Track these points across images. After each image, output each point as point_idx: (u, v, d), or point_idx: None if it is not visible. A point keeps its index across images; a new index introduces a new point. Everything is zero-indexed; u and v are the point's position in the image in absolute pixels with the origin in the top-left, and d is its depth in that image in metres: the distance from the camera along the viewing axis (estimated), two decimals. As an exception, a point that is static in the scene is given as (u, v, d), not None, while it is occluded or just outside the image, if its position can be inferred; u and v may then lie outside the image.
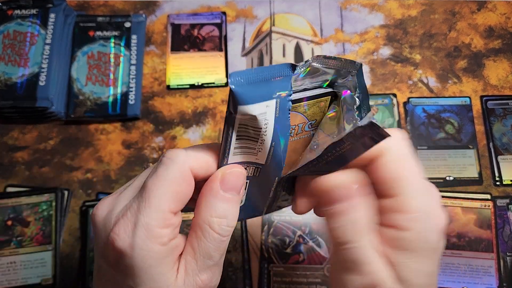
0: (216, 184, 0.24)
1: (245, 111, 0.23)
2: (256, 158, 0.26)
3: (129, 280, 0.23)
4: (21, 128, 0.54)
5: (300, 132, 0.28)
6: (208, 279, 0.24)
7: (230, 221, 0.24)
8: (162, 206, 0.23)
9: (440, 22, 0.58)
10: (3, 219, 0.48)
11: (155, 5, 0.60)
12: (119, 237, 0.23)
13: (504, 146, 0.52)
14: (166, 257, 0.23)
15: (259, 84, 0.24)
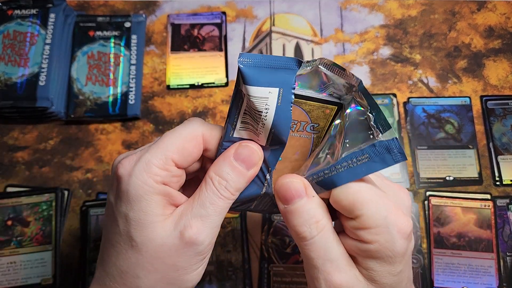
0: (230, 151, 0.27)
1: (248, 91, 0.24)
2: (258, 139, 0.27)
3: (123, 205, 0.26)
4: (21, 128, 0.54)
5: (301, 130, 0.28)
6: (197, 228, 0.26)
7: (229, 186, 0.26)
8: (167, 152, 0.26)
9: (440, 22, 0.58)
10: (3, 219, 0.48)
11: (155, 5, 0.60)
12: (123, 166, 0.26)
13: (504, 146, 0.52)
14: (157, 195, 0.26)
15: (265, 69, 0.25)
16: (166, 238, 0.25)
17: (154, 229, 0.25)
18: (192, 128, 0.27)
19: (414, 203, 0.50)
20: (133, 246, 0.25)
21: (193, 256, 0.26)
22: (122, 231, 0.26)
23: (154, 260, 0.26)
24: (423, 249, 0.48)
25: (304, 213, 0.26)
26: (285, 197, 0.26)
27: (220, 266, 0.47)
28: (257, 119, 0.26)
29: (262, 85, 0.25)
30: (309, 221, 0.26)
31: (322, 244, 0.26)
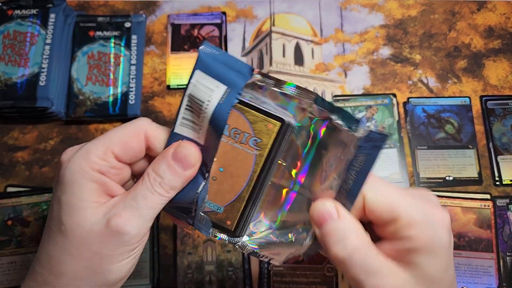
0: (169, 150, 0.27)
1: (198, 77, 0.25)
2: (198, 136, 0.27)
3: (59, 189, 0.27)
4: (21, 128, 0.54)
5: (244, 142, 0.28)
6: (125, 218, 0.26)
7: (164, 183, 0.27)
8: (108, 144, 0.27)
9: (440, 22, 0.58)
10: (3, 219, 0.49)
11: (155, 5, 0.60)
12: (66, 153, 0.28)
13: (504, 146, 0.52)
14: (92, 182, 0.26)
15: (220, 64, 0.26)
16: (94, 225, 0.26)
17: (84, 215, 0.26)
18: (137, 125, 0.28)
19: (414, 203, 0.50)
20: (61, 230, 0.26)
21: (118, 246, 0.26)
22: (54, 215, 0.26)
23: (80, 245, 0.26)
24: (423, 249, 0.48)
25: (338, 232, 0.26)
26: (319, 220, 0.27)
27: (220, 266, 0.47)
28: (198, 111, 0.26)
29: (212, 77, 0.26)
30: (344, 240, 0.26)
31: (361, 259, 0.26)
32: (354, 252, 0.26)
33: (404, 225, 0.26)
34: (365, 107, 0.54)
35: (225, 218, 0.30)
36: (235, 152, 0.28)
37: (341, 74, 0.56)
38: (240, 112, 0.27)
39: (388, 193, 0.27)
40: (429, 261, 0.26)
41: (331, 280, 0.47)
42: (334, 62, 0.57)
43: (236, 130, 0.27)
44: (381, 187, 0.27)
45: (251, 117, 0.27)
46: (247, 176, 0.29)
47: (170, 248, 0.49)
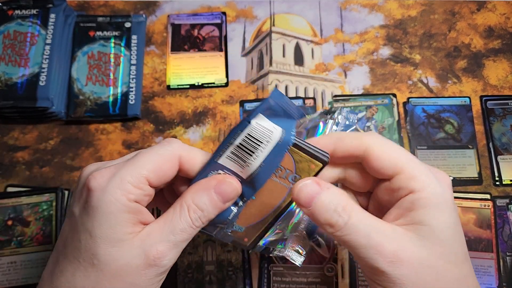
0: (212, 183, 0.27)
1: (259, 119, 0.26)
2: (241, 171, 0.28)
3: (90, 221, 0.25)
4: (22, 128, 0.54)
5: (283, 177, 0.29)
6: (163, 252, 0.26)
7: (203, 216, 0.27)
8: (142, 170, 0.26)
9: (439, 22, 0.58)
10: (3, 219, 0.49)
11: (155, 5, 0.60)
12: (95, 179, 0.25)
13: (504, 146, 0.52)
14: (129, 213, 0.25)
15: (281, 111, 0.27)
16: (130, 258, 0.25)
17: (121, 248, 0.25)
18: (171, 148, 0.27)
19: (414, 203, 0.50)
20: (94, 265, 0.25)
21: (153, 277, 0.26)
22: (83, 247, 0.25)
23: (114, 278, 0.25)
24: (423, 249, 0.48)
25: (327, 205, 0.26)
26: (305, 200, 0.26)
27: (220, 266, 0.47)
28: (252, 151, 0.27)
29: (274, 121, 0.27)
30: (336, 210, 0.26)
31: (359, 224, 0.26)
32: (351, 217, 0.26)
33: (408, 178, 0.26)
34: (365, 107, 0.54)
35: (243, 236, 0.31)
36: (272, 185, 0.29)
37: (341, 74, 0.56)
38: (288, 152, 0.28)
39: (392, 149, 0.27)
40: (434, 217, 0.25)
41: (331, 280, 0.47)
42: (334, 62, 0.57)
43: (279, 167, 0.28)
44: (386, 143, 0.28)
45: (297, 157, 0.28)
46: (276, 205, 0.30)
47: (170, 248, 0.49)
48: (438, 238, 0.25)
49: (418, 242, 0.25)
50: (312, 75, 0.56)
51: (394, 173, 0.27)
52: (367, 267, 0.26)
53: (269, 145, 0.27)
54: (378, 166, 0.27)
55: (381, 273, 0.25)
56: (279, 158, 0.27)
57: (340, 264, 0.48)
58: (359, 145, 0.28)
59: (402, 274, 0.25)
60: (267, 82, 0.56)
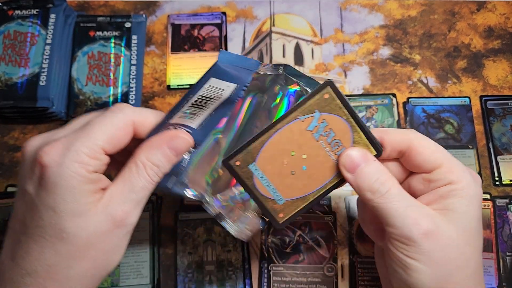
0: (164, 139, 0.28)
1: (212, 82, 0.27)
2: (191, 122, 0.29)
3: (50, 198, 0.25)
4: (22, 128, 0.54)
5: (338, 154, 0.30)
6: (128, 212, 0.27)
7: (159, 172, 0.28)
8: (98, 141, 0.26)
9: (439, 23, 0.58)
10: (3, 219, 0.49)
11: (155, 5, 0.60)
12: (49, 155, 0.25)
13: (504, 146, 0.52)
14: (89, 183, 0.26)
15: (233, 67, 0.28)
16: (98, 224, 0.26)
17: (87, 218, 0.25)
18: (122, 115, 0.28)
19: (414, 203, 0.50)
20: (63, 238, 0.25)
21: (122, 237, 0.27)
22: (48, 224, 0.25)
23: (85, 247, 0.26)
24: (422, 249, 0.48)
25: (374, 173, 0.28)
26: (351, 166, 0.29)
27: (220, 265, 0.48)
28: (203, 106, 0.29)
29: (224, 80, 0.28)
30: (380, 178, 0.28)
31: (399, 193, 0.28)
32: (391, 188, 0.28)
33: (447, 171, 0.29)
34: (365, 107, 0.54)
35: (279, 211, 0.31)
36: (326, 159, 0.29)
37: (341, 74, 0.56)
38: (351, 128, 0.29)
39: (432, 144, 0.30)
40: (466, 206, 0.28)
41: (331, 280, 0.47)
42: (334, 62, 0.57)
43: (338, 142, 0.29)
44: (426, 139, 0.30)
45: (357, 137, 0.29)
46: (322, 183, 0.30)
47: (170, 248, 0.49)
48: (466, 225, 0.28)
49: (449, 224, 0.28)
50: (312, 75, 0.56)
51: (435, 167, 0.29)
52: (399, 236, 0.28)
53: (220, 99, 0.28)
54: (421, 160, 0.30)
55: (413, 243, 0.27)
56: (230, 106, 0.29)
57: (340, 264, 0.48)
58: (404, 140, 0.30)
59: (432, 247, 0.27)
60: (267, 82, 0.56)
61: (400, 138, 0.30)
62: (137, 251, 0.48)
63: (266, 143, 0.29)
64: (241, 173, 0.30)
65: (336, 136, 0.29)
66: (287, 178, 0.30)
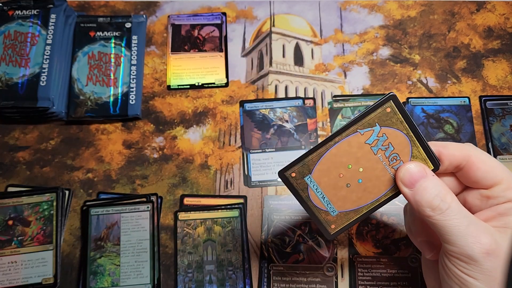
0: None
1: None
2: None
3: None
4: (22, 128, 0.54)
5: (395, 168, 0.30)
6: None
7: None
8: None
9: (439, 23, 0.58)
10: (4, 219, 0.49)
11: (155, 5, 0.60)
12: None
13: (503, 146, 0.52)
14: None
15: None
16: None
17: None
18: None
19: (414, 203, 0.50)
20: None
21: None
22: None
23: None
24: (422, 248, 0.48)
25: (433, 188, 0.28)
26: (410, 181, 0.28)
27: (220, 265, 0.48)
28: None
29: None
30: (440, 194, 0.28)
31: (460, 210, 0.28)
32: (451, 203, 0.28)
33: (506, 188, 0.28)
34: (364, 108, 0.54)
35: (331, 222, 0.31)
36: (382, 173, 0.29)
37: (340, 74, 0.56)
38: (410, 142, 0.29)
39: (491, 160, 0.30)
40: None
41: (331, 280, 0.47)
42: (334, 63, 0.57)
43: (396, 156, 0.29)
44: (485, 154, 0.30)
45: (416, 152, 0.29)
46: (377, 196, 0.30)
47: (170, 247, 0.49)
48: None
49: (507, 246, 0.27)
50: (312, 76, 0.56)
51: (494, 183, 0.29)
52: (459, 254, 0.27)
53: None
54: (480, 176, 0.29)
55: (474, 262, 0.27)
56: None
57: (340, 264, 0.48)
58: (463, 155, 0.30)
59: (494, 266, 0.26)
60: (267, 82, 0.56)
61: (458, 152, 0.30)
62: (137, 251, 0.48)
63: (323, 156, 0.29)
64: (296, 184, 0.30)
65: (394, 150, 0.29)
66: (341, 191, 0.30)
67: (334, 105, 0.54)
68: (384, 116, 0.28)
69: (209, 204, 0.50)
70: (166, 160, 0.52)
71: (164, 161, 0.52)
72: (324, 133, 0.53)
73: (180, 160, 0.52)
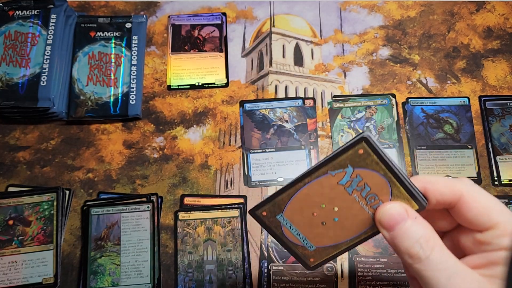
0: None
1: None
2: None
3: None
4: (23, 128, 0.54)
5: (374, 208, 0.28)
6: None
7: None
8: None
9: (439, 23, 0.59)
10: (4, 219, 0.49)
11: (155, 6, 0.60)
12: None
13: (503, 146, 0.52)
14: None
15: None
16: None
17: None
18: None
19: (413, 202, 0.50)
20: None
21: None
22: None
23: None
24: (422, 248, 0.48)
25: (412, 233, 0.25)
26: (388, 224, 0.26)
27: (220, 265, 0.48)
28: None
29: None
30: (419, 240, 0.25)
31: (441, 260, 0.25)
32: (433, 252, 0.25)
33: (501, 234, 0.25)
34: (364, 108, 0.54)
35: (310, 256, 0.30)
36: (360, 212, 0.28)
37: (340, 74, 0.56)
38: (389, 183, 0.27)
39: (486, 199, 0.26)
40: None
41: (331, 280, 0.47)
42: (334, 63, 0.57)
43: (374, 196, 0.27)
44: (480, 192, 0.26)
45: (396, 192, 0.27)
46: (356, 234, 0.29)
47: (170, 247, 0.49)
48: None
49: None
50: (311, 76, 0.56)
51: (488, 227, 0.26)
52: None
53: None
54: (471, 218, 0.26)
55: None
56: None
57: (340, 264, 0.48)
58: (453, 193, 0.26)
59: None
60: (267, 83, 0.56)
61: (448, 190, 0.26)
62: (137, 251, 0.48)
63: (294, 196, 0.27)
64: (269, 222, 0.29)
65: (371, 191, 0.27)
66: (317, 228, 0.28)
67: (334, 105, 0.54)
68: (356, 158, 0.26)
69: (209, 204, 0.50)
70: (166, 160, 0.52)
71: (164, 161, 0.52)
72: (324, 133, 0.53)
73: (180, 160, 0.52)
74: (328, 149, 0.53)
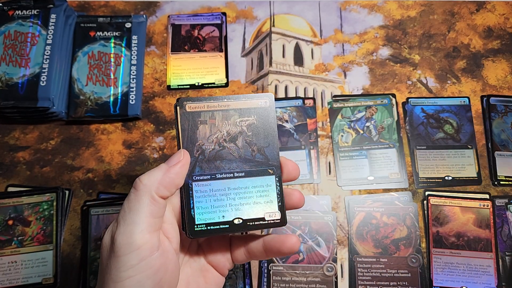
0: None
1: None
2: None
3: None
4: (22, 128, 0.54)
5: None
6: None
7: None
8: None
9: (439, 23, 0.58)
10: (4, 219, 0.49)
11: (155, 5, 0.60)
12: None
13: (502, 142, 0.52)
14: None
15: None
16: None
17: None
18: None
19: (413, 202, 0.50)
20: None
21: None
22: None
23: None
24: (422, 248, 0.48)
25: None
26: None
27: (220, 265, 0.48)
28: None
29: None
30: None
31: None
32: None
33: None
34: (364, 107, 0.54)
35: None
36: None
37: (340, 74, 0.56)
38: None
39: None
40: None
41: (331, 280, 0.47)
42: (334, 63, 0.57)
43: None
44: None
45: None
46: None
47: (170, 247, 0.49)
48: None
49: None
50: (311, 76, 0.56)
51: None
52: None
53: None
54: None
55: None
56: None
57: (340, 264, 0.48)
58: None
59: None
60: (267, 82, 0.56)
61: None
62: (137, 251, 0.48)
63: None
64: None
65: None
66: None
67: (334, 105, 0.54)
68: None
69: (209, 204, 0.50)
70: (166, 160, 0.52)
71: (164, 161, 0.52)
72: (324, 133, 0.53)
73: (180, 160, 0.52)
74: (328, 149, 0.53)
